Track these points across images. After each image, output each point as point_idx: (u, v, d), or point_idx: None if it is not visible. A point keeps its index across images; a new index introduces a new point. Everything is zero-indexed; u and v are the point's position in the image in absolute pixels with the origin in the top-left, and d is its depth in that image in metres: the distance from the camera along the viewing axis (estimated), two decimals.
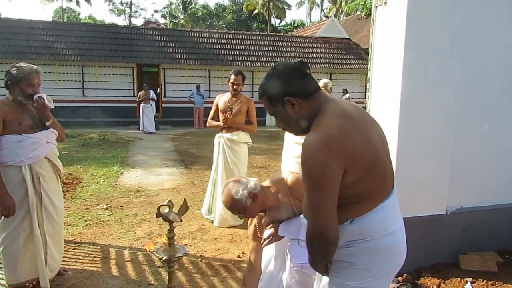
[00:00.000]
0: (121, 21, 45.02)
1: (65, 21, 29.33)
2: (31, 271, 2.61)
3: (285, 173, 2.19)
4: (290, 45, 17.56)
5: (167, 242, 2.16)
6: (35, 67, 2.57)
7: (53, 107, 2.63)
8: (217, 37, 17.06)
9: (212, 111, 3.94)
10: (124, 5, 42.97)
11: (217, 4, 44.31)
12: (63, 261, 3.10)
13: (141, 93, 12.87)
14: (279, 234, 2.11)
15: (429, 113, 2.87)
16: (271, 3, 34.21)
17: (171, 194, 5.31)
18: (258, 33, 19.22)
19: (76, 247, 3.49)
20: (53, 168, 2.71)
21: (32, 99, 2.51)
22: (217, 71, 15.91)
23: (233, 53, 16.40)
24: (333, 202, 1.32)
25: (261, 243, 2.11)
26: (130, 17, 43.68)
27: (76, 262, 3.19)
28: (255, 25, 38.76)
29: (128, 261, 3.22)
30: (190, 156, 8.49)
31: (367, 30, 18.02)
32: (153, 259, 3.20)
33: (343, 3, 33.07)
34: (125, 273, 3.01)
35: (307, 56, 16.71)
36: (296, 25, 39.85)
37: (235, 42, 16.96)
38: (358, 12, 28.19)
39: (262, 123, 15.26)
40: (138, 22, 42.72)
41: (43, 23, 15.55)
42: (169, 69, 15.67)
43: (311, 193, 1.34)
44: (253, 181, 2.08)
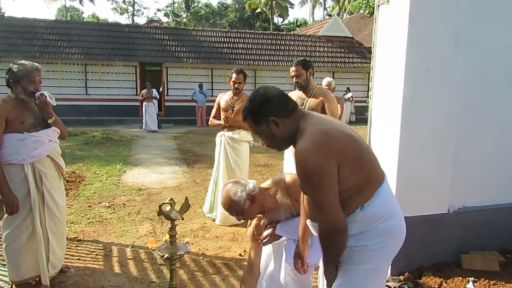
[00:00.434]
0: (124, 19, 45.18)
1: (68, 20, 29.40)
2: (34, 268, 2.63)
3: (283, 174, 2.19)
4: (292, 43, 17.53)
5: (169, 240, 2.17)
6: (36, 64, 2.58)
7: (55, 104, 2.64)
8: (220, 35, 17.06)
9: (214, 109, 3.95)
10: (127, 4, 43.08)
11: (220, 2, 44.32)
12: (65, 259, 3.12)
13: (143, 91, 12.90)
14: (276, 233, 2.13)
15: (431, 112, 2.87)
16: (274, 2, 34.17)
17: (173, 192, 5.32)
18: (260, 31, 19.22)
19: (78, 245, 3.51)
20: (55, 166, 2.73)
21: (34, 96, 2.52)
22: (219, 70, 15.92)
23: (235, 52, 16.40)
24: (336, 196, 1.48)
25: (259, 244, 2.12)
26: (133, 15, 43.80)
27: (78, 259, 3.20)
28: (258, 24, 38.73)
29: (130, 259, 3.23)
30: (192, 154, 8.51)
31: (370, 28, 17.99)
32: (155, 257, 3.21)
33: (346, 2, 32.96)
34: (127, 271, 3.02)
35: (309, 54, 16.68)
36: (299, 23, 39.79)
37: (237, 40, 16.96)
38: (361, 10, 28.13)
39: None
40: (141, 20, 42.83)
41: (46, 22, 15.60)
42: (171, 68, 15.69)
43: (315, 194, 1.50)
44: (252, 183, 2.09)
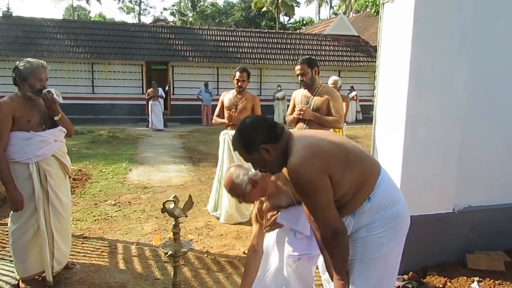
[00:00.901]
0: (131, 19, 45.40)
1: (75, 19, 29.59)
2: (40, 264, 2.66)
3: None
4: (298, 42, 17.49)
5: (173, 237, 2.19)
6: (42, 62, 2.60)
7: (62, 102, 2.66)
8: (226, 34, 17.07)
9: (217, 108, 3.96)
10: (133, 3, 43.26)
11: (225, 1, 44.33)
12: (71, 255, 3.15)
13: (149, 90, 12.96)
14: (278, 221, 2.17)
15: (436, 110, 2.85)
16: (279, 1, 34.08)
17: (179, 190, 5.35)
18: (266, 30, 19.16)
19: (84, 242, 3.54)
20: (60, 165, 2.75)
21: (41, 94, 2.54)
22: (225, 69, 15.94)
23: (241, 51, 16.40)
24: (331, 203, 1.58)
25: (262, 227, 2.17)
26: (139, 15, 43.99)
27: (84, 256, 3.24)
28: (264, 23, 38.68)
29: (135, 256, 3.26)
30: (197, 153, 8.54)
31: (376, 27, 17.86)
32: (159, 254, 3.23)
33: (353, 0, 32.79)
34: (132, 268, 3.05)
35: (315, 53, 16.63)
36: (305, 22, 39.65)
37: (243, 39, 16.95)
38: (367, 9, 27.97)
39: None
40: (147, 20, 42.97)
41: (54, 21, 15.73)
42: (177, 67, 15.74)
43: (312, 205, 1.59)
44: (251, 170, 2.10)
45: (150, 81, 14.21)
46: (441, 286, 2.78)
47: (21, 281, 2.69)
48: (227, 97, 3.85)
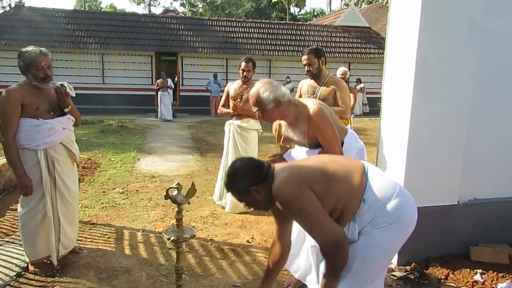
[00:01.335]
0: (141, 9, 45.37)
1: (86, 10, 29.73)
2: (48, 248, 2.73)
3: (311, 102, 2.26)
4: (308, 34, 17.35)
5: (176, 223, 2.22)
6: (39, 49, 2.59)
7: (74, 95, 2.71)
8: (235, 25, 17.01)
9: (223, 98, 3.97)
10: None
11: None
12: (79, 241, 3.23)
13: (159, 81, 13.03)
14: (284, 156, 2.28)
15: (442, 101, 2.82)
16: None
17: (186, 180, 5.40)
18: (276, 21, 19.03)
19: (92, 228, 3.62)
20: (68, 153, 2.79)
21: (46, 82, 2.58)
22: (234, 60, 15.90)
23: (251, 42, 16.35)
24: (325, 215, 1.65)
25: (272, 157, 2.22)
26: (149, 5, 43.99)
27: (91, 241, 3.31)
28: (274, 14, 38.36)
29: (140, 242, 3.32)
30: (205, 143, 8.59)
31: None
32: (164, 240, 3.28)
33: None
34: (137, 254, 3.11)
35: (325, 45, 16.47)
36: (315, 13, 39.24)
37: (253, 30, 16.88)
38: (379, 0, 27.49)
39: None
40: (157, 10, 42.94)
41: (65, 12, 15.86)
42: (187, 58, 15.77)
43: (307, 220, 1.67)
44: (286, 89, 2.17)
45: (159, 72, 14.27)
46: (443, 277, 2.77)
47: (30, 263, 2.77)
48: (233, 87, 3.85)
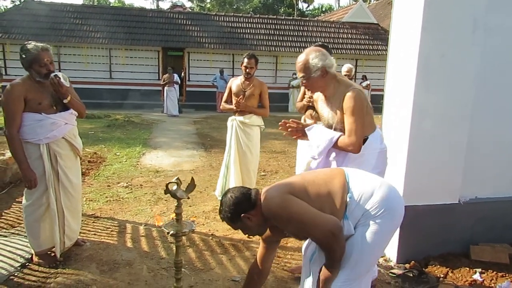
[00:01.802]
0: (149, 4, 45.44)
1: (94, 4, 29.82)
2: (52, 240, 2.79)
3: (355, 85, 2.26)
4: (315, 30, 17.24)
5: (175, 217, 2.25)
6: (41, 45, 2.61)
7: (69, 85, 2.71)
8: (242, 21, 16.97)
9: (225, 94, 3.99)
10: None
11: None
12: (82, 233, 3.28)
13: (165, 76, 13.08)
14: (306, 130, 2.32)
15: (444, 99, 2.81)
16: None
17: (189, 175, 5.43)
18: (283, 17, 18.92)
19: (95, 221, 3.67)
20: (71, 147, 2.83)
21: (49, 77, 2.61)
22: (241, 56, 15.65)
23: (257, 38, 16.30)
24: (314, 209, 1.72)
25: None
26: (157, 0, 43.92)
27: (94, 234, 3.36)
28: (282, 10, 38.11)
29: (142, 236, 3.37)
30: (210, 139, 8.63)
31: None
32: (166, 235, 3.32)
33: None
34: (139, 247, 3.16)
35: (332, 41, 16.37)
36: (324, 9, 38.94)
37: (259, 26, 16.83)
38: None
39: (284, 109, 15.22)
40: (165, 5, 42.78)
41: (73, 6, 15.96)
42: (193, 53, 15.78)
43: (301, 223, 1.73)
44: (331, 60, 2.17)
45: (166, 67, 14.31)
46: (442, 276, 2.78)
47: (34, 255, 2.83)
48: (235, 83, 3.87)
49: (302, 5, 40.67)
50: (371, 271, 1.98)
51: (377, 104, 6.94)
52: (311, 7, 41.68)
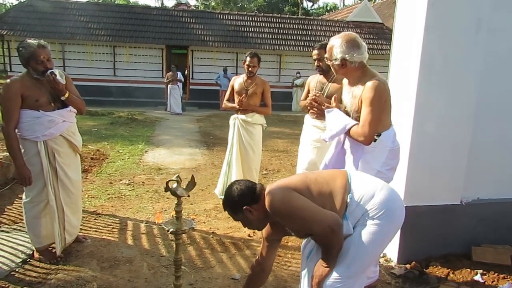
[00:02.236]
0: (153, 2, 45.45)
1: (99, 2, 29.92)
2: (52, 236, 2.80)
3: (381, 77, 2.28)
4: (319, 29, 17.18)
5: (175, 215, 2.25)
6: (37, 42, 2.60)
7: (65, 83, 2.69)
8: (246, 19, 16.94)
9: (227, 92, 3.99)
10: None
11: None
12: (84, 230, 3.30)
13: (168, 74, 13.11)
14: (326, 111, 2.39)
15: (447, 100, 2.79)
16: None
17: (191, 173, 5.43)
18: (287, 16, 18.88)
19: (97, 218, 3.68)
20: (69, 144, 2.82)
21: (46, 74, 2.60)
22: (244, 54, 15.60)
23: (261, 36, 16.27)
24: (315, 205, 1.74)
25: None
26: None
27: (95, 231, 3.37)
28: (287, 8, 38.03)
29: (143, 234, 3.37)
30: (213, 137, 8.63)
31: None
32: (166, 232, 3.33)
33: None
34: (139, 244, 3.17)
35: None
36: (328, 8, 38.82)
37: (263, 25, 16.79)
38: None
39: (287, 108, 15.19)
40: (170, 3, 42.88)
41: (78, 4, 15.98)
42: (197, 51, 15.78)
43: (302, 219, 1.75)
44: (356, 54, 2.24)
45: (170, 65, 14.33)
46: (443, 277, 2.76)
47: (35, 251, 2.84)
48: (238, 81, 3.86)
49: (306, 4, 40.59)
50: (372, 275, 1.96)
51: None
52: (316, 6, 41.59)
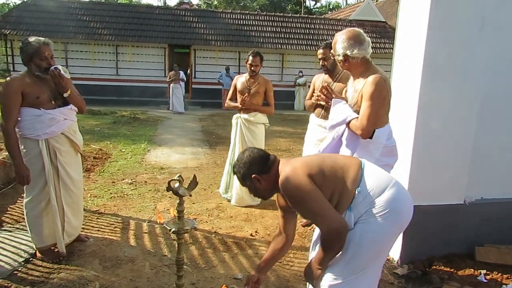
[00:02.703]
0: (156, 1, 45.51)
1: (102, 1, 29.98)
2: (53, 236, 2.80)
3: (383, 73, 2.30)
4: (322, 28, 17.14)
5: (177, 215, 2.25)
6: (42, 39, 2.62)
7: (69, 77, 2.70)
8: (249, 18, 16.92)
9: (230, 91, 3.98)
10: None
11: None
12: (86, 229, 3.30)
13: (171, 73, 13.11)
14: (333, 100, 2.46)
15: (451, 99, 2.77)
16: None
17: (194, 172, 5.44)
18: (290, 15, 18.84)
19: (99, 217, 3.69)
20: (71, 142, 2.82)
21: (49, 71, 2.59)
22: (247, 53, 15.53)
23: (264, 35, 16.25)
24: (326, 203, 1.73)
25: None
26: None
27: (98, 230, 3.38)
28: (289, 7, 37.94)
29: (145, 233, 3.37)
30: (215, 136, 8.63)
31: None
32: (169, 232, 3.33)
33: None
34: (142, 244, 3.17)
35: None
36: (331, 7, 38.72)
37: (266, 24, 16.77)
38: None
39: (290, 107, 15.17)
40: (172, 3, 42.90)
41: (80, 3, 16.02)
42: (199, 50, 15.79)
43: (311, 211, 1.75)
44: (357, 50, 2.25)
45: (172, 64, 14.33)
46: (446, 277, 2.75)
47: (37, 250, 2.85)
48: (240, 80, 3.86)
49: (309, 3, 40.46)
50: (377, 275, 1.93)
51: None
52: (319, 5, 41.47)
